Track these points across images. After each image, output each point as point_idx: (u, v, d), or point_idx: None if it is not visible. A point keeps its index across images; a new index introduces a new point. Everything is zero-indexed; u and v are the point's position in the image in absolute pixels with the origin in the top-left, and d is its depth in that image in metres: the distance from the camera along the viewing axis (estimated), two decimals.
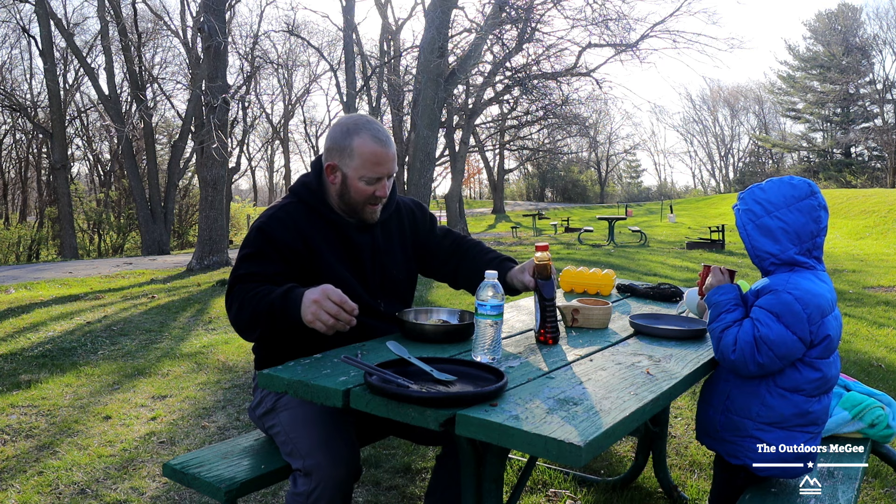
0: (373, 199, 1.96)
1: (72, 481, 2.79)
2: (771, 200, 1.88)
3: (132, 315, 6.64)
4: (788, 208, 1.86)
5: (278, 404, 1.94)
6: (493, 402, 1.39)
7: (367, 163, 1.91)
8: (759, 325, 1.78)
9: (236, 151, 31.77)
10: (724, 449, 1.96)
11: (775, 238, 1.86)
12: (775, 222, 1.86)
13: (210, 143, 10.56)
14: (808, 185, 1.89)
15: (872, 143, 42.65)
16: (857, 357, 4.92)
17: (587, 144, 46.33)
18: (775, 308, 1.78)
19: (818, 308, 1.79)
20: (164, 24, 24.10)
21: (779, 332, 1.76)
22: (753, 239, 1.89)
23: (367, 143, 1.91)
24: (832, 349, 1.86)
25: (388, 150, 1.94)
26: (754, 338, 1.77)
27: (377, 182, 1.94)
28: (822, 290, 1.82)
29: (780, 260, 1.86)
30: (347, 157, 1.92)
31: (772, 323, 1.77)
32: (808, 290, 1.78)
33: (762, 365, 1.79)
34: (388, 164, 1.94)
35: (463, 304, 7.14)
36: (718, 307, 1.88)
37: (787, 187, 1.88)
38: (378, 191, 1.95)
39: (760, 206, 1.89)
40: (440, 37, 12.22)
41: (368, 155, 1.91)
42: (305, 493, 1.69)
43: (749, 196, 1.93)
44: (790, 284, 1.79)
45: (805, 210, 1.86)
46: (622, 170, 63.27)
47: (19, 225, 28.93)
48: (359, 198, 1.95)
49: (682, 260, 12.19)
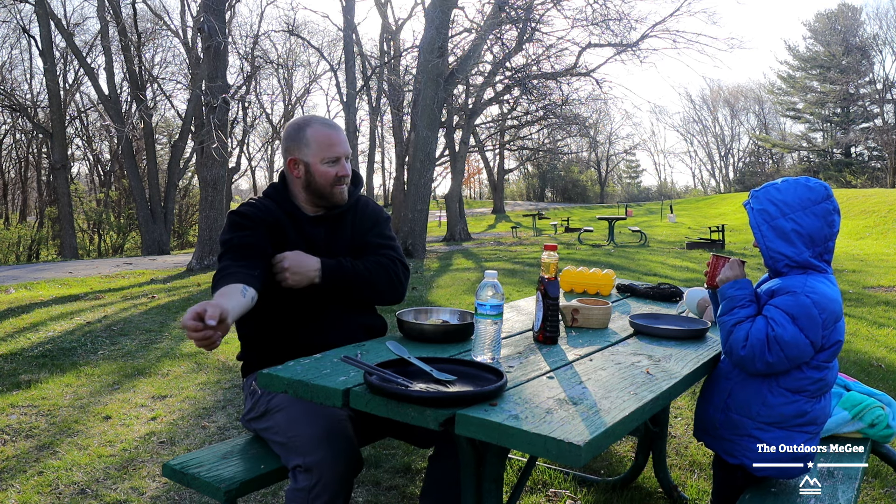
0: (336, 179, 2.09)
1: (72, 481, 2.79)
2: (787, 202, 1.86)
3: (132, 315, 6.64)
4: (804, 211, 1.84)
5: (272, 406, 1.95)
6: (493, 402, 1.39)
7: (323, 145, 2.07)
8: (774, 325, 1.76)
9: (236, 151, 31.81)
10: (723, 447, 1.96)
11: (790, 240, 1.84)
12: (790, 224, 1.84)
13: (210, 143, 10.57)
14: (825, 188, 1.87)
15: (872, 143, 42.66)
16: (857, 357, 4.92)
17: (587, 144, 46.45)
18: (792, 310, 1.76)
19: (833, 313, 1.78)
20: (164, 24, 24.12)
21: (793, 334, 1.75)
22: (768, 240, 1.87)
23: (318, 129, 2.09)
24: (838, 353, 1.86)
25: (337, 131, 2.11)
26: (767, 336, 1.76)
27: (336, 163, 2.08)
28: (837, 294, 1.82)
29: (795, 262, 1.85)
30: (304, 147, 2.08)
31: (787, 324, 1.76)
32: (824, 295, 1.77)
33: (770, 364, 1.78)
34: (341, 145, 2.10)
35: (463, 304, 7.14)
36: (733, 301, 1.86)
37: (803, 189, 1.86)
38: (339, 171, 2.09)
39: (776, 207, 1.86)
40: (440, 37, 12.22)
41: (323, 138, 2.08)
42: (307, 489, 1.70)
43: (764, 195, 1.90)
44: (808, 287, 1.78)
45: (820, 214, 1.84)
46: (622, 170, 63.32)
47: (19, 225, 28.96)
48: (324, 181, 2.08)
49: (682, 260, 12.19)
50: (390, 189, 34.14)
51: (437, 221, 27.70)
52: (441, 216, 28.33)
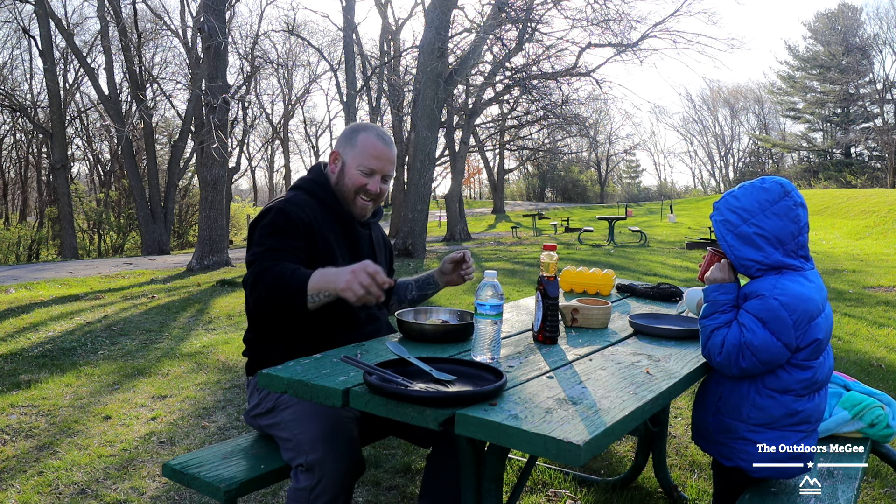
0: (364, 191, 2.07)
1: (72, 481, 2.79)
2: (745, 208, 1.85)
3: (132, 315, 6.64)
4: (764, 213, 1.83)
5: (279, 402, 1.95)
6: (493, 402, 1.39)
7: (367, 154, 2.05)
8: (745, 331, 1.76)
9: (236, 151, 31.79)
10: (718, 451, 1.96)
11: (756, 245, 1.83)
12: (752, 229, 1.83)
13: (210, 143, 10.57)
14: (780, 185, 1.85)
15: (872, 143, 42.67)
16: (857, 357, 4.92)
17: (587, 144, 46.41)
18: (761, 314, 1.76)
19: (806, 313, 1.76)
20: (164, 24, 24.10)
21: (763, 339, 1.75)
22: (735, 249, 1.86)
23: (370, 137, 2.08)
24: (821, 350, 1.85)
25: (389, 148, 2.09)
26: (740, 342, 1.76)
27: (371, 175, 2.06)
28: (811, 292, 1.79)
29: (766, 265, 1.84)
30: (350, 147, 2.07)
31: (757, 329, 1.75)
32: (795, 295, 1.76)
33: (745, 369, 1.79)
34: (384, 161, 2.07)
35: (463, 304, 7.15)
36: (715, 305, 1.86)
37: (758, 192, 1.85)
38: (370, 185, 2.06)
39: (736, 215, 1.86)
40: (440, 37, 12.23)
41: (370, 147, 2.06)
42: (308, 488, 1.70)
43: (724, 205, 1.90)
44: (777, 289, 1.77)
45: (781, 212, 1.83)
46: (622, 170, 63.33)
47: (19, 225, 28.96)
48: (351, 185, 2.06)
49: (681, 260, 12.19)
50: (390, 189, 34.09)
51: (437, 221, 27.70)
52: (441, 216, 28.33)
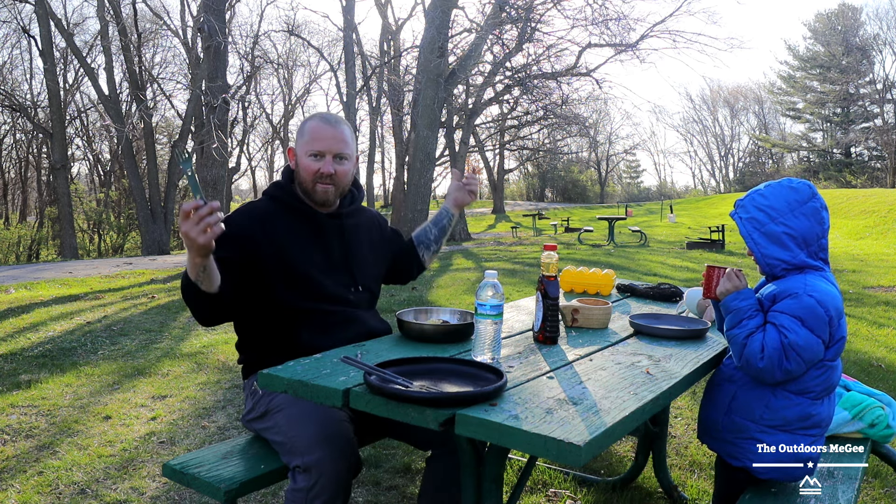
0: (319, 176, 2.06)
1: (72, 481, 2.79)
2: (774, 207, 1.84)
3: (132, 315, 6.64)
4: (793, 213, 1.83)
5: (272, 406, 1.95)
6: (493, 402, 1.39)
7: (311, 138, 2.06)
8: (786, 332, 1.74)
9: (236, 151, 31.83)
10: (725, 450, 1.95)
11: (784, 245, 1.83)
12: (781, 228, 1.83)
13: (210, 143, 10.57)
14: (809, 186, 1.87)
15: (872, 143, 42.65)
16: (857, 357, 4.92)
17: (587, 144, 46.40)
18: (798, 312, 1.74)
19: (836, 309, 1.77)
20: (164, 24, 24.11)
21: (805, 337, 1.73)
22: (762, 247, 1.85)
23: (313, 122, 2.10)
24: (842, 350, 1.85)
25: (334, 127, 2.08)
26: (782, 344, 1.73)
27: (321, 158, 2.05)
28: (836, 291, 1.81)
29: (792, 265, 1.84)
30: (300, 138, 2.11)
31: (797, 328, 1.73)
32: (825, 292, 1.76)
33: (789, 371, 1.76)
34: (330, 140, 2.06)
35: (463, 304, 7.14)
36: (740, 313, 1.82)
37: (788, 191, 1.85)
38: (323, 167, 2.05)
39: (764, 214, 1.85)
40: (440, 37, 12.22)
41: (313, 131, 2.07)
42: (306, 489, 1.70)
43: (750, 203, 1.89)
44: (809, 287, 1.76)
45: (809, 213, 1.83)
46: (622, 170, 63.28)
47: (19, 225, 28.96)
48: (307, 175, 2.06)
49: (682, 260, 12.19)
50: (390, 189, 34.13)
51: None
52: None
